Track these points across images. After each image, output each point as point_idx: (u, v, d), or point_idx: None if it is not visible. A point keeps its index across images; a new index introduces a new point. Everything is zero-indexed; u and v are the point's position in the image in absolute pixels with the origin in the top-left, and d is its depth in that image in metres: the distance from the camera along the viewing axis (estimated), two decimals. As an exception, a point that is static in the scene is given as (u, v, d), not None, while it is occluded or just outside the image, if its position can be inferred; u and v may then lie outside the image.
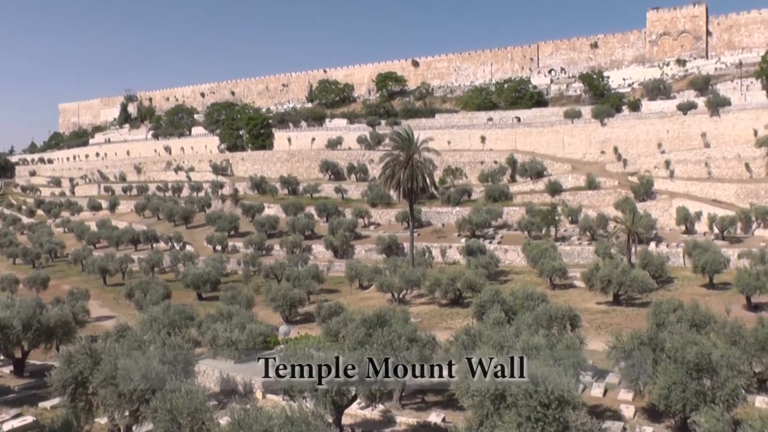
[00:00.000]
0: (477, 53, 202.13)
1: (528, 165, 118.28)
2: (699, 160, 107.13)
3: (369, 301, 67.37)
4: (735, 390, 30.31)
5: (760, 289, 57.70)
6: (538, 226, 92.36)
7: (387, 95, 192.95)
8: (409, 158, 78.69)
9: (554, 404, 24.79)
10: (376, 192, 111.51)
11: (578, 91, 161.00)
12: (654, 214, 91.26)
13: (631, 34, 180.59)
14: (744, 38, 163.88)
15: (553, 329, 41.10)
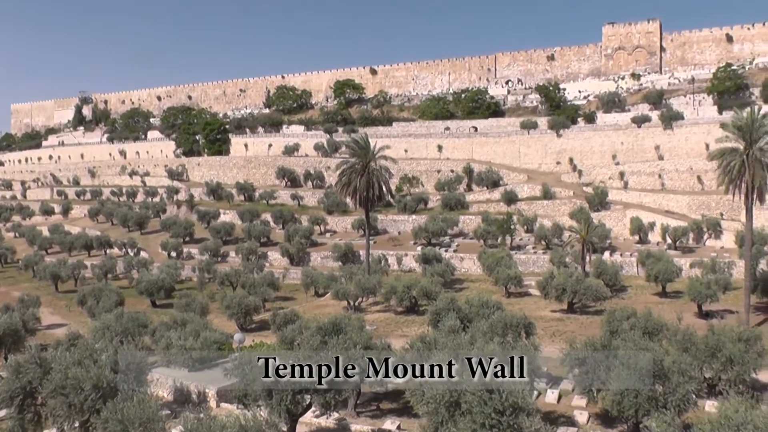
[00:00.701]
0: (435, 63, 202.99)
1: (484, 174, 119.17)
2: (652, 172, 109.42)
3: (325, 309, 67.21)
4: (686, 395, 30.97)
5: (710, 298, 59.27)
6: (493, 235, 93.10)
7: (345, 103, 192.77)
8: (365, 166, 78.73)
9: (509, 411, 25.06)
10: (333, 199, 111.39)
11: (535, 102, 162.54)
12: (608, 224, 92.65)
13: (588, 47, 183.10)
14: (696, 55, 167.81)
15: (508, 337, 41.49)
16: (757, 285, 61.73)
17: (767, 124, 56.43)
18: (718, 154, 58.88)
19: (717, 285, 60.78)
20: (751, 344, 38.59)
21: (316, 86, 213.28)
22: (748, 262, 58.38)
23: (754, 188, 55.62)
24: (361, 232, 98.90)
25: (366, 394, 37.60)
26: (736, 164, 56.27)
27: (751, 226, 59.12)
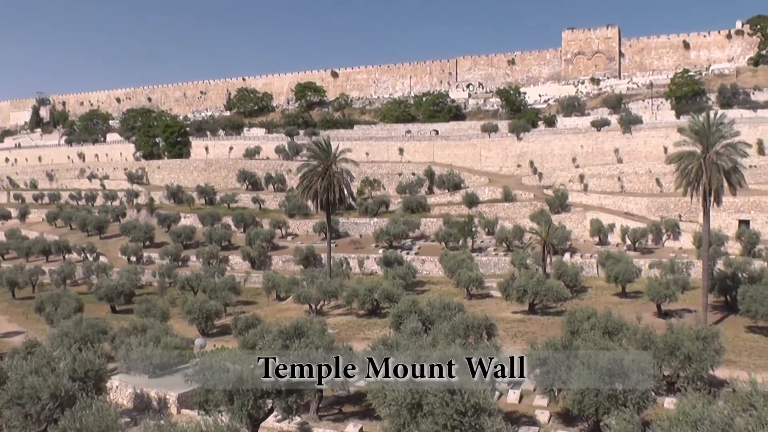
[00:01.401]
0: (396, 66, 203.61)
1: (445, 177, 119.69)
2: (612, 174, 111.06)
3: (286, 313, 66.90)
4: (645, 393, 31.47)
5: (669, 298, 60.17)
6: (455, 237, 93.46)
7: (306, 105, 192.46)
8: (326, 169, 78.62)
9: (470, 411, 25.21)
10: (294, 202, 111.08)
11: (495, 105, 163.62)
12: (569, 226, 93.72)
13: (548, 52, 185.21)
14: (654, 61, 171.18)
15: (470, 338, 41.66)
16: (715, 284, 62.99)
17: (723, 128, 57.50)
18: (676, 157, 59.86)
19: (675, 285, 61.71)
20: (708, 342, 39.43)
21: (278, 89, 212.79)
22: (706, 262, 59.50)
23: (711, 191, 56.65)
24: (322, 236, 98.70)
25: (328, 398, 37.56)
26: (693, 167, 57.26)
27: (709, 227, 60.11)
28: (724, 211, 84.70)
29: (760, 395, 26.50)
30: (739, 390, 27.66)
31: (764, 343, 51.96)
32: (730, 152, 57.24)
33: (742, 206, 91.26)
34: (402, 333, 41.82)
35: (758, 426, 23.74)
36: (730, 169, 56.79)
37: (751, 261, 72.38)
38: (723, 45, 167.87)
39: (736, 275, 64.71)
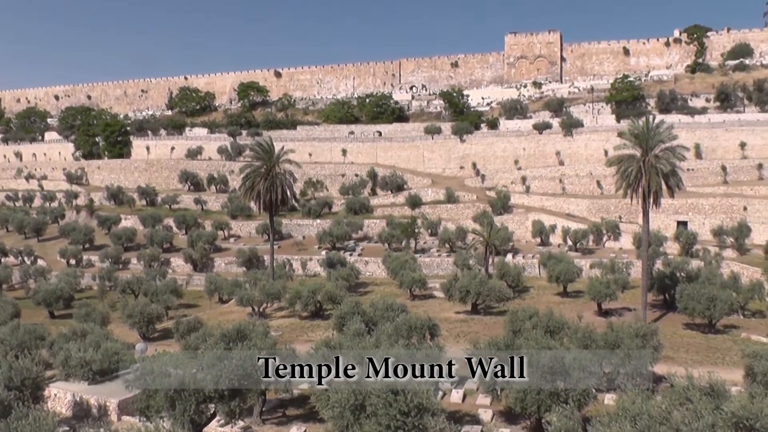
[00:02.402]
0: (340, 67, 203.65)
1: (389, 178, 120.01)
2: (554, 176, 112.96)
3: (229, 316, 66.34)
4: (586, 390, 32.03)
5: (609, 297, 61.60)
6: (398, 239, 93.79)
7: (249, 105, 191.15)
8: (269, 170, 78.10)
9: (413, 412, 25.30)
10: (237, 204, 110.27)
11: (439, 108, 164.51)
12: (511, 227, 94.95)
13: (491, 55, 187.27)
14: (595, 66, 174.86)
15: (413, 339, 41.74)
16: (654, 283, 64.77)
17: (662, 133, 58.75)
18: (617, 160, 61.02)
19: (616, 284, 63.06)
20: (647, 339, 40.52)
21: (220, 88, 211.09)
22: (645, 262, 60.81)
23: (650, 193, 57.94)
24: (265, 237, 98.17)
25: (271, 401, 37.29)
26: (633, 170, 58.47)
27: (648, 228, 61.28)
28: (663, 212, 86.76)
29: (696, 389, 27.25)
30: (677, 385, 28.38)
31: (701, 340, 53.41)
32: (668, 156, 58.58)
33: (680, 208, 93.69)
34: (345, 334, 41.70)
35: (694, 419, 24.36)
36: (668, 172, 58.12)
37: (689, 261, 74.58)
38: (662, 52, 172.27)
39: (674, 274, 66.65)
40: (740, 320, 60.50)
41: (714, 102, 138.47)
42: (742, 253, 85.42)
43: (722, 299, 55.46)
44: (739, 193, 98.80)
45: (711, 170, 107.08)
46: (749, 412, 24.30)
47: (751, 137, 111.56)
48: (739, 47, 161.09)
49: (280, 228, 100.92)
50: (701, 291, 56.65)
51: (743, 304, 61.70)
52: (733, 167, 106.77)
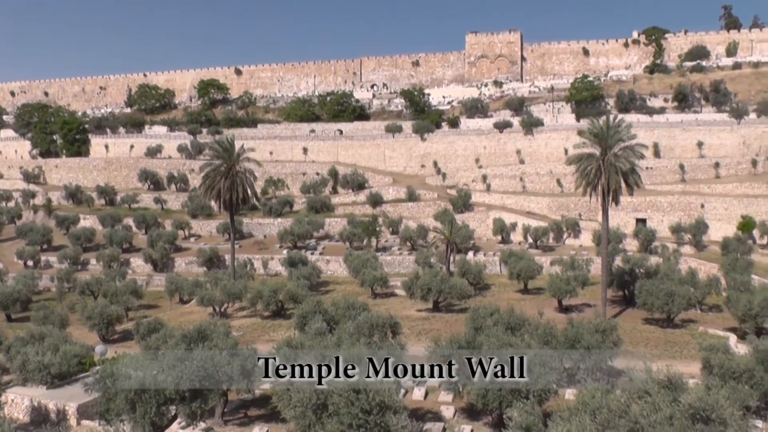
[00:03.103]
0: (301, 65, 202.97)
1: (350, 177, 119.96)
2: (514, 175, 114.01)
3: (190, 316, 65.76)
4: (547, 385, 32.44)
5: (570, 293, 62.48)
6: (359, 237, 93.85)
7: (209, 103, 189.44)
8: (230, 168, 77.55)
9: (375, 410, 25.37)
10: (197, 203, 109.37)
11: (400, 106, 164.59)
12: (472, 225, 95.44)
13: (452, 55, 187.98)
14: (555, 66, 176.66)
15: (375, 337, 41.80)
16: (613, 280, 65.87)
17: (621, 132, 59.46)
18: (576, 159, 61.66)
19: (576, 281, 63.86)
20: (607, 335, 41.16)
21: (180, 86, 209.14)
22: (605, 259, 61.65)
23: (610, 191, 58.70)
24: (226, 236, 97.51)
25: (233, 402, 37.12)
26: (592, 169, 59.20)
27: (607, 225, 62.12)
28: (622, 210, 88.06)
29: (654, 383, 27.74)
30: (636, 378, 28.84)
31: (660, 334, 54.49)
32: (627, 154, 59.38)
33: (639, 206, 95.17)
34: (307, 334, 41.70)
35: (652, 411, 24.81)
36: (627, 170, 58.94)
37: (648, 257, 76.02)
38: (621, 53, 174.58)
39: (633, 271, 67.80)
40: (698, 315, 61.78)
41: (672, 102, 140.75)
42: (700, 249, 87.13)
43: (680, 295, 56.66)
44: (696, 191, 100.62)
45: (669, 169, 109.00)
46: (705, 404, 24.85)
47: (708, 137, 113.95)
48: (696, 49, 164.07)
49: (241, 227, 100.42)
50: (660, 287, 57.81)
51: (701, 299, 63.04)
52: (691, 166, 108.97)
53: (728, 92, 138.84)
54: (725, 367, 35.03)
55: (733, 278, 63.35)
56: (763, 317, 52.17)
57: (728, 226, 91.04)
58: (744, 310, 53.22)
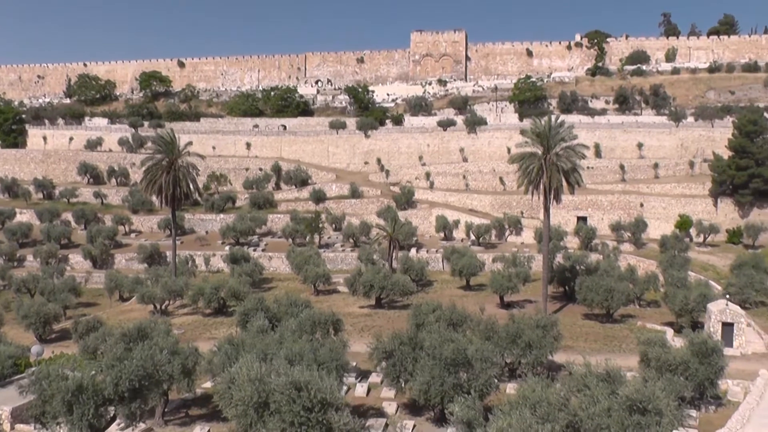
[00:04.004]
0: (245, 59, 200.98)
1: (293, 173, 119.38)
2: (457, 173, 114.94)
3: (130, 314, 64.87)
4: (488, 380, 33.01)
5: (511, 290, 63.75)
6: (302, 234, 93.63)
7: (151, 95, 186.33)
8: (172, 163, 76.58)
9: (317, 407, 25.42)
10: (138, 198, 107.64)
11: (344, 103, 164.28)
12: (415, 222, 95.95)
13: (396, 52, 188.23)
14: (499, 66, 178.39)
15: (317, 334, 41.90)
16: (554, 276, 67.57)
17: (563, 132, 60.36)
18: (519, 157, 62.39)
19: (517, 277, 65.00)
20: (548, 330, 41.96)
21: (121, 77, 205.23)
22: (546, 256, 62.60)
23: (551, 189, 59.61)
24: (167, 232, 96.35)
25: (174, 402, 36.71)
26: (534, 167, 59.99)
27: (549, 223, 62.89)
28: (564, 208, 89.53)
29: (593, 376, 28.34)
30: (575, 372, 29.39)
31: (599, 329, 55.77)
32: (569, 154, 60.34)
33: (580, 204, 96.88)
34: (249, 331, 41.53)
35: (591, 404, 25.36)
36: (569, 169, 59.92)
37: (588, 254, 77.53)
38: (563, 55, 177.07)
39: (574, 267, 69.24)
40: (636, 310, 63.47)
41: (613, 104, 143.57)
42: (639, 247, 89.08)
43: (619, 290, 58.20)
44: (636, 190, 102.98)
45: (610, 169, 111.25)
46: (642, 396, 25.51)
47: (647, 138, 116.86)
48: (637, 53, 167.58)
49: (182, 223, 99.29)
50: (599, 283, 59.22)
51: (639, 294, 64.85)
52: (631, 166, 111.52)
53: (667, 96, 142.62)
54: (662, 360, 36.01)
55: (670, 275, 64.98)
56: (698, 312, 54.10)
57: (666, 225, 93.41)
58: (681, 305, 55.07)
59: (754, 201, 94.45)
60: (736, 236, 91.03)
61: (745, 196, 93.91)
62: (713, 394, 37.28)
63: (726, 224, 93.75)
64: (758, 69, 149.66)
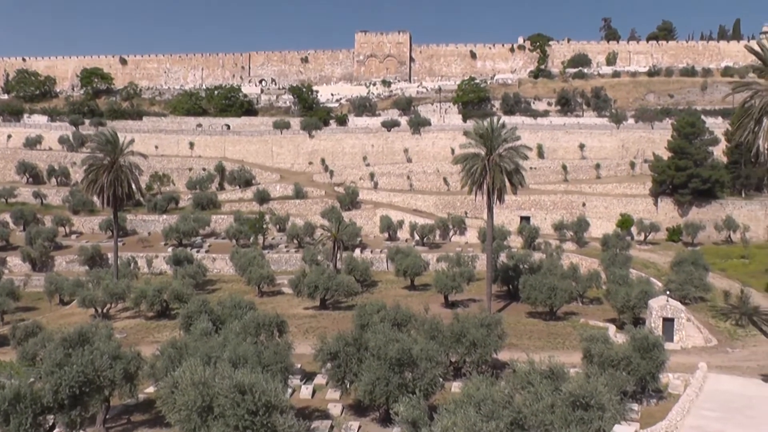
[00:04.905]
0: (188, 57, 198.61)
1: (237, 173, 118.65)
2: (402, 173, 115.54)
3: (71, 318, 63.68)
4: (433, 379, 33.30)
5: (455, 289, 64.34)
6: (246, 235, 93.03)
7: (92, 93, 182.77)
8: (114, 162, 75.30)
9: (262, 410, 25.34)
10: (79, 198, 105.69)
11: (288, 102, 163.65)
12: (359, 223, 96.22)
13: (341, 52, 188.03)
14: (443, 67, 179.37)
15: (262, 336, 41.66)
16: (498, 275, 68.44)
17: (506, 133, 61.14)
18: (462, 158, 62.88)
19: (462, 277, 65.63)
20: (492, 329, 42.39)
21: (62, 73, 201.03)
22: (490, 255, 63.23)
23: (495, 189, 60.22)
24: (109, 234, 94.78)
25: (116, 408, 36.22)
26: (478, 168, 60.49)
27: (492, 223, 63.52)
28: (507, 208, 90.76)
29: (537, 373, 28.76)
30: (519, 370, 29.77)
31: (543, 326, 56.70)
32: (512, 155, 61.05)
33: (524, 204, 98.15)
34: (192, 334, 41.15)
35: (535, 401, 25.72)
36: (512, 170, 60.68)
37: (531, 253, 78.51)
38: (507, 57, 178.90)
39: (517, 266, 70.23)
40: (579, 307, 64.56)
41: (555, 106, 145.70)
42: (581, 245, 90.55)
43: (562, 288, 59.20)
44: (578, 190, 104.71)
45: (552, 169, 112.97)
46: (585, 391, 25.95)
47: (589, 139, 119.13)
48: (578, 57, 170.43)
49: (124, 224, 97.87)
50: (543, 281, 60.17)
51: (582, 292, 66.01)
52: (573, 167, 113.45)
53: (608, 98, 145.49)
54: (604, 356, 36.67)
55: (612, 272, 66.05)
56: (640, 308, 55.31)
57: (608, 224, 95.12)
58: (622, 301, 56.22)
59: (693, 200, 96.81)
60: (676, 234, 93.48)
61: (685, 195, 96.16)
62: (654, 387, 38.17)
63: (666, 223, 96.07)
64: (695, 73, 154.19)
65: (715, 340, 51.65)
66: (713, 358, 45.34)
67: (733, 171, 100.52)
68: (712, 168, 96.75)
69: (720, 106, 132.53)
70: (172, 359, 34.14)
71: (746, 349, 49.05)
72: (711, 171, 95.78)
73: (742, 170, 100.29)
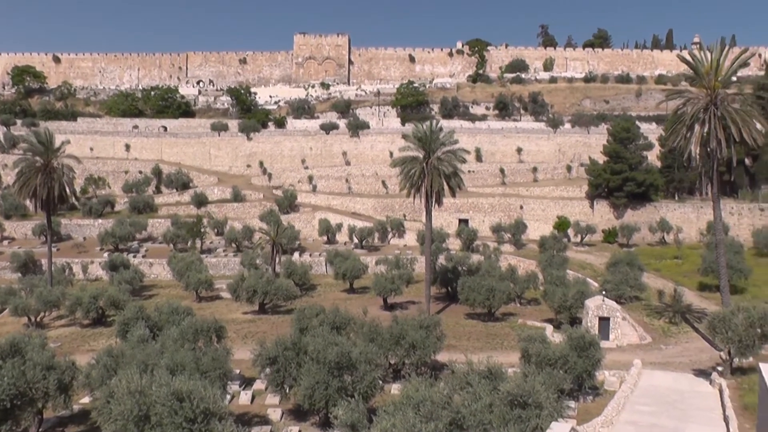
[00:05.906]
0: (124, 56, 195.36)
1: (174, 176, 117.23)
2: (340, 176, 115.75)
3: (2, 328, 61.68)
4: (373, 382, 33.47)
5: (394, 291, 64.99)
6: (183, 239, 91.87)
7: (24, 92, 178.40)
8: (47, 164, 73.68)
9: (200, 418, 25.12)
10: (11, 202, 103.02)
11: (226, 104, 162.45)
12: (298, 226, 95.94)
13: (279, 54, 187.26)
14: (382, 71, 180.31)
15: (200, 342, 41.29)
16: (437, 277, 69.11)
17: (444, 136, 61.71)
18: (401, 161, 63.24)
19: (400, 279, 66.17)
20: (431, 330, 42.85)
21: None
22: (428, 257, 63.80)
23: (433, 192, 60.78)
24: (42, 239, 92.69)
25: (49, 420, 35.51)
26: (416, 171, 60.96)
27: (431, 225, 64.00)
28: (446, 211, 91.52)
29: (475, 374, 29.10)
30: (458, 371, 30.06)
31: (482, 327, 57.46)
32: (450, 158, 61.61)
33: (462, 207, 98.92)
34: (129, 341, 40.56)
35: (474, 401, 25.99)
36: (450, 173, 61.19)
37: (470, 255, 79.37)
38: (445, 62, 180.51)
39: (456, 268, 70.89)
40: (517, 308, 65.62)
41: (493, 110, 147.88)
42: (519, 247, 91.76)
43: (500, 290, 60.09)
44: (516, 193, 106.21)
45: (490, 172, 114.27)
46: (523, 390, 26.34)
47: (526, 143, 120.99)
48: (516, 62, 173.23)
49: (58, 228, 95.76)
50: (481, 283, 60.94)
51: (520, 293, 67.07)
52: (511, 170, 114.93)
53: (545, 103, 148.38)
54: (542, 355, 37.26)
55: (549, 273, 67.14)
56: (576, 308, 56.59)
57: (545, 226, 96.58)
58: (560, 302, 57.36)
59: (628, 203, 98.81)
60: (612, 236, 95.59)
61: (620, 198, 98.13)
62: (591, 384, 38.90)
63: (602, 225, 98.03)
64: (630, 80, 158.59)
65: (649, 338, 53.17)
66: (647, 355, 46.69)
67: (666, 175, 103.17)
68: (646, 172, 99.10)
69: (654, 113, 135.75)
70: (108, 368, 33.61)
71: (679, 346, 50.65)
72: (645, 175, 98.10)
73: (675, 174, 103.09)
